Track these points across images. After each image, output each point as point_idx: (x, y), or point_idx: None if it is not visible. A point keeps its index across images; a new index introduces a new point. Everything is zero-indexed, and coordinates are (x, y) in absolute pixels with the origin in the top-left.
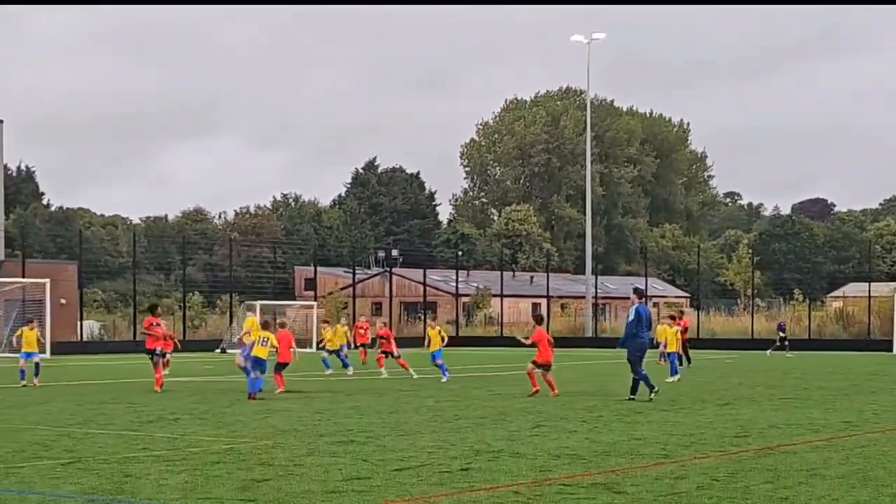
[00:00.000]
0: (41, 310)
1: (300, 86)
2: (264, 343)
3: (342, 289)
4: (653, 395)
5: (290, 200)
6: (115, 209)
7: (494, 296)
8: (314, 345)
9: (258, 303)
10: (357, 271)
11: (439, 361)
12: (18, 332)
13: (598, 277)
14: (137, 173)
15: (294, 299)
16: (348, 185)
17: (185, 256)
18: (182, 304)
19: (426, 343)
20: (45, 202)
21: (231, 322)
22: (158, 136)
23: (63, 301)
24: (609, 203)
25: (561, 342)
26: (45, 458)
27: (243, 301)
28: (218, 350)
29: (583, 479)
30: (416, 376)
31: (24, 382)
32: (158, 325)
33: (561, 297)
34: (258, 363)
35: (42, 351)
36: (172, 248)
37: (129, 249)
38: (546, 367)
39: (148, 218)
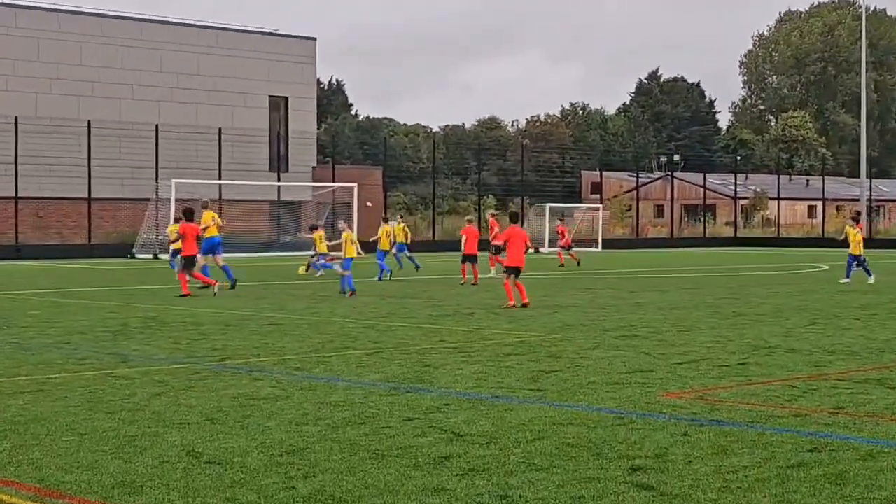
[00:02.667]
0: (349, 211)
1: (601, 2)
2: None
3: (626, 192)
4: None
5: (578, 109)
6: (417, 118)
7: (771, 198)
8: (599, 244)
9: (547, 205)
10: (640, 175)
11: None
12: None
13: (873, 180)
14: (439, 86)
15: (580, 202)
16: (632, 95)
17: (480, 162)
18: (477, 207)
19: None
20: (353, 112)
21: (523, 224)
22: (461, 53)
23: (369, 203)
24: (883, 109)
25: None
26: (352, 349)
27: (533, 203)
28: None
29: (857, 375)
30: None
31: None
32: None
33: (836, 200)
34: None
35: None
36: (468, 154)
37: (429, 156)
38: (516, 271)
39: (446, 126)
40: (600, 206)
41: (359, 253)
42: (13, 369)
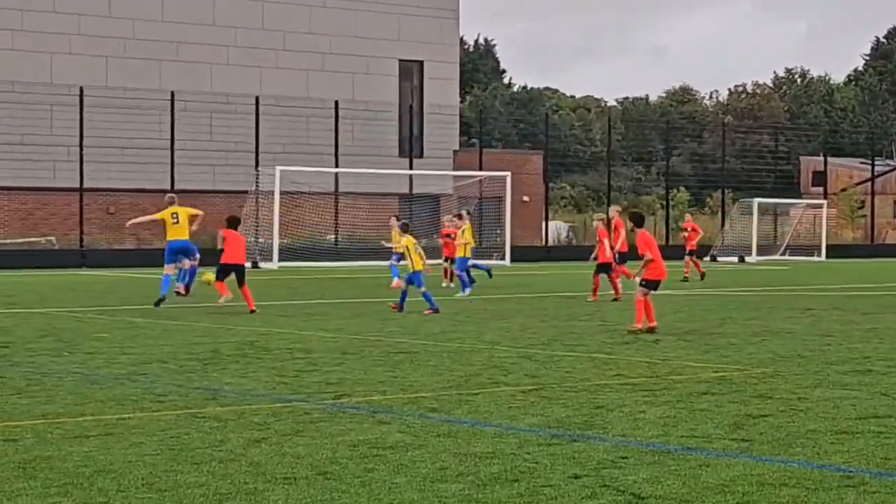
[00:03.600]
0: (500, 207)
1: None
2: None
3: (857, 184)
4: None
5: (796, 77)
6: (588, 89)
7: None
8: (823, 251)
9: (755, 201)
10: (876, 162)
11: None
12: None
13: None
14: (617, 48)
15: (799, 196)
16: (867, 58)
17: (669, 145)
18: (665, 202)
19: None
20: (506, 81)
21: (723, 225)
22: (645, 5)
23: (525, 198)
24: None
25: None
26: (503, 385)
27: (738, 198)
28: (708, 258)
29: None
30: None
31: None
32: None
33: None
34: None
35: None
36: (654, 135)
37: (603, 137)
38: (656, 286)
39: (625, 99)
40: (824, 202)
41: (425, 265)
42: (76, 407)
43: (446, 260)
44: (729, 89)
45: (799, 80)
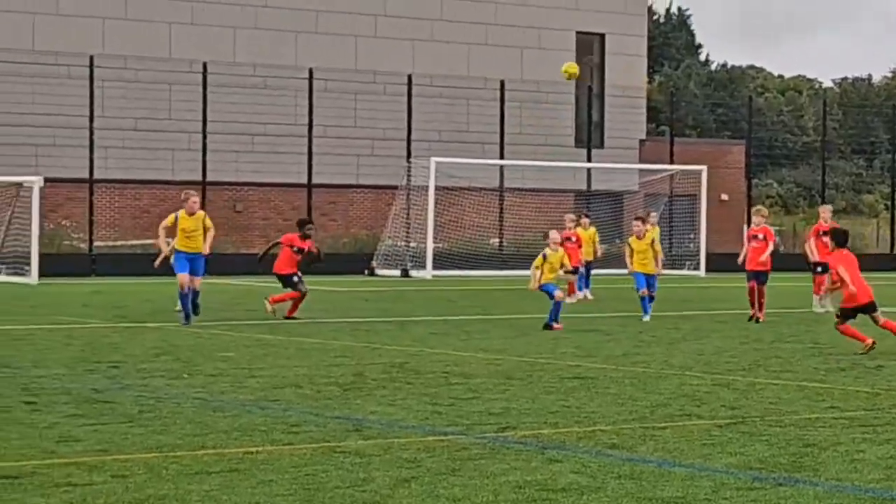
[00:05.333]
0: (694, 207)
1: None
2: None
3: None
4: None
5: None
6: (799, 68)
7: None
8: None
9: None
10: None
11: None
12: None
13: None
14: (835, 17)
15: None
16: None
17: None
18: (890, 202)
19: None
20: (702, 59)
21: None
22: None
23: (724, 197)
24: None
25: None
26: (696, 417)
27: None
28: None
29: None
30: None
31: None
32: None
33: None
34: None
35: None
36: (877, 123)
37: (817, 124)
38: (867, 309)
39: (844, 80)
40: None
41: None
42: (196, 438)
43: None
44: None
45: None
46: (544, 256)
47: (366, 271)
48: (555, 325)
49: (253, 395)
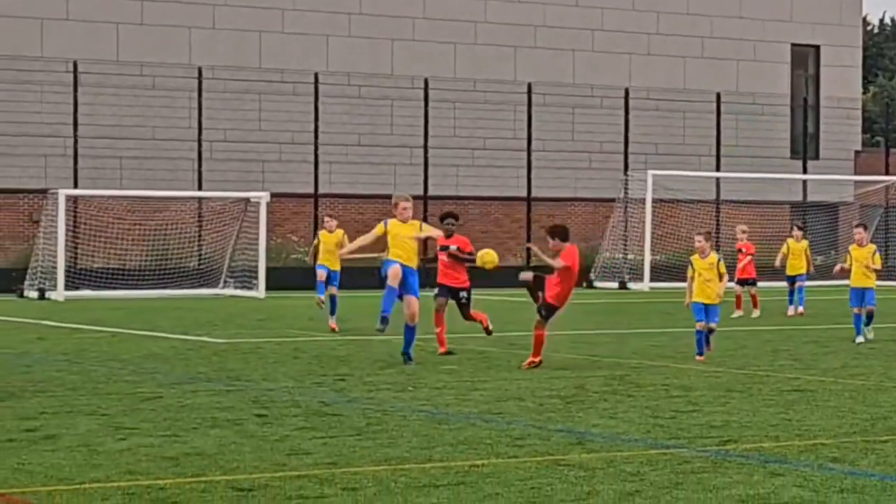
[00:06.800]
0: None
1: None
2: None
3: None
4: None
5: None
6: None
7: None
8: None
9: None
10: None
11: None
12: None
13: None
14: None
15: None
16: None
17: None
18: None
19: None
20: None
21: None
22: None
23: None
24: None
25: None
26: None
27: None
28: None
29: None
30: None
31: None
32: (456, 249)
33: None
34: None
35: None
36: None
37: None
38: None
39: None
40: None
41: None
42: (423, 451)
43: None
44: None
45: None
46: (692, 266)
47: (583, 283)
48: (697, 357)
49: (477, 407)
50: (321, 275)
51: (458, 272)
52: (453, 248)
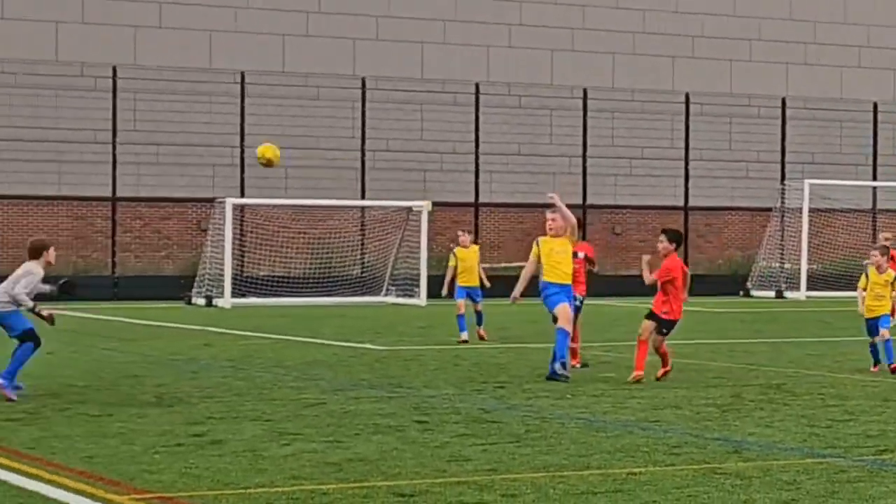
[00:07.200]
0: None
1: None
2: None
3: None
4: None
5: None
6: None
7: None
8: None
9: None
10: None
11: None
12: None
13: None
14: None
15: None
16: None
17: None
18: None
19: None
20: None
21: None
22: None
23: None
24: None
25: None
26: None
27: None
28: None
29: None
30: None
31: None
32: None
33: None
34: None
35: None
36: None
37: None
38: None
39: None
40: None
41: None
42: (581, 458)
43: None
44: None
45: None
46: (867, 276)
47: (740, 292)
48: (871, 369)
49: (634, 415)
50: (461, 306)
51: (579, 280)
52: (581, 254)
